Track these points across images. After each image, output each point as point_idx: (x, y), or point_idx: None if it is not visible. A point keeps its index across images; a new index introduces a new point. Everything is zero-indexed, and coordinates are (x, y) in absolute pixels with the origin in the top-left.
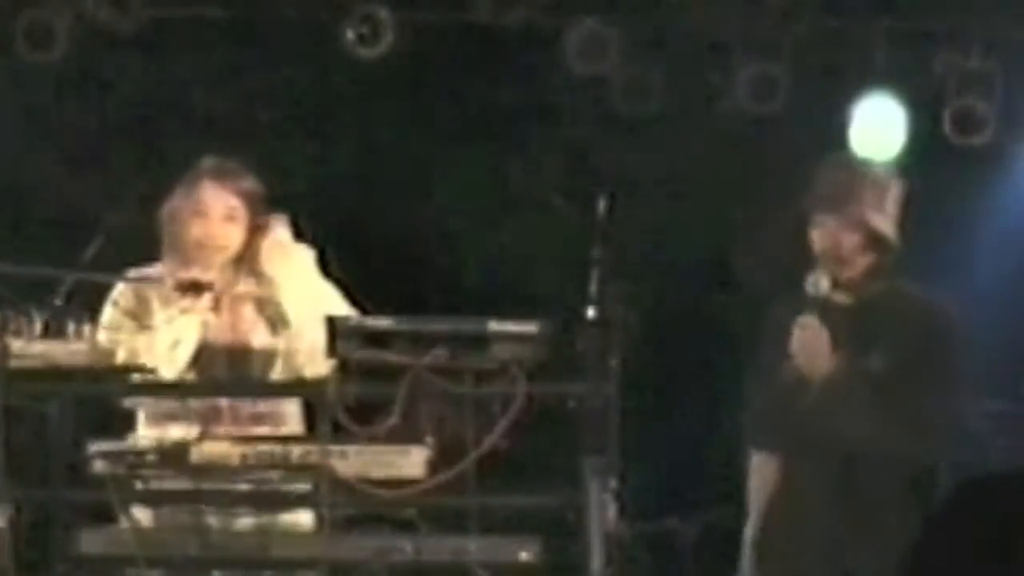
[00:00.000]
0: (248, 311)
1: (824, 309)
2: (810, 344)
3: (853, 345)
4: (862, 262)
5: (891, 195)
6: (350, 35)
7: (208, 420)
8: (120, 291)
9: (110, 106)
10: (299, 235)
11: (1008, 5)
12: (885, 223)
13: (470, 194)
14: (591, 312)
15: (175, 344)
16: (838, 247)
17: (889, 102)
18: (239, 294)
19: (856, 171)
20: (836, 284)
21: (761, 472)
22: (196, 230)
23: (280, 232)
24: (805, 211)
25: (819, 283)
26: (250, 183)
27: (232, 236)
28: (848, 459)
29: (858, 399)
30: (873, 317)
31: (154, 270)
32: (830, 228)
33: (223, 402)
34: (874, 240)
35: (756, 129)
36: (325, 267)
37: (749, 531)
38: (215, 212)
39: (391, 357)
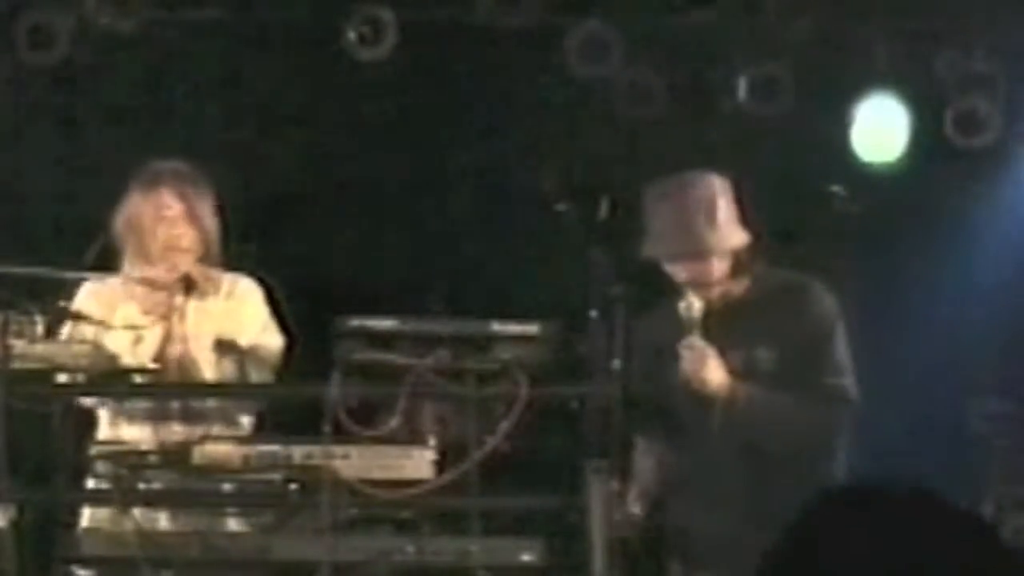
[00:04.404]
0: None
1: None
2: (701, 365)
3: (737, 346)
4: (723, 275)
5: (717, 201)
6: (351, 35)
7: (158, 419)
8: (81, 299)
9: (111, 107)
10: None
11: (1010, 5)
12: (723, 235)
13: (470, 195)
14: (593, 313)
15: (137, 341)
16: (698, 277)
17: (891, 103)
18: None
19: (679, 200)
20: (708, 301)
21: (647, 456)
22: (162, 233)
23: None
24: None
25: (692, 306)
26: (204, 185)
27: (195, 238)
28: (759, 464)
29: (763, 405)
30: (749, 315)
31: (115, 279)
32: (683, 266)
33: (174, 402)
34: (722, 254)
35: (758, 130)
36: None
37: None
38: (179, 215)
39: (394, 358)
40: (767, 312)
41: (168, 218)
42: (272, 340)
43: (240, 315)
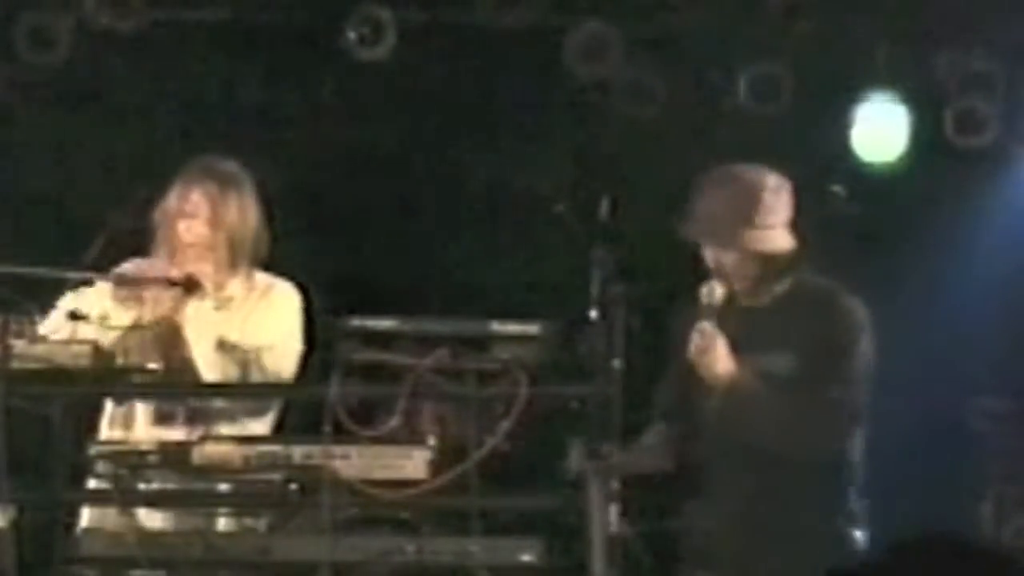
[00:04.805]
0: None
1: (724, 314)
2: (708, 350)
3: (756, 348)
4: (752, 274)
5: (762, 200)
6: (351, 35)
7: (163, 419)
8: (95, 291)
9: (111, 107)
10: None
11: (1010, 5)
12: (754, 236)
13: (470, 194)
14: (593, 313)
15: (105, 328)
16: (723, 267)
17: (891, 103)
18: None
19: (723, 189)
20: (732, 293)
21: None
22: (182, 230)
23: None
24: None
25: (713, 292)
26: (237, 186)
27: (215, 239)
28: (757, 463)
29: (762, 402)
30: (776, 318)
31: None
32: (710, 252)
33: (176, 402)
34: (755, 255)
35: (758, 130)
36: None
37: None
38: (201, 214)
39: (393, 358)
40: (793, 317)
41: (189, 216)
42: (289, 346)
43: (264, 319)
